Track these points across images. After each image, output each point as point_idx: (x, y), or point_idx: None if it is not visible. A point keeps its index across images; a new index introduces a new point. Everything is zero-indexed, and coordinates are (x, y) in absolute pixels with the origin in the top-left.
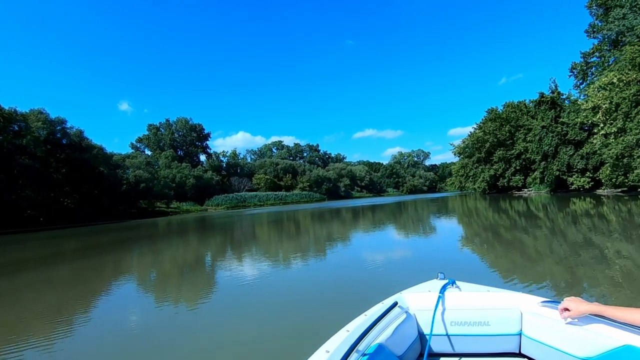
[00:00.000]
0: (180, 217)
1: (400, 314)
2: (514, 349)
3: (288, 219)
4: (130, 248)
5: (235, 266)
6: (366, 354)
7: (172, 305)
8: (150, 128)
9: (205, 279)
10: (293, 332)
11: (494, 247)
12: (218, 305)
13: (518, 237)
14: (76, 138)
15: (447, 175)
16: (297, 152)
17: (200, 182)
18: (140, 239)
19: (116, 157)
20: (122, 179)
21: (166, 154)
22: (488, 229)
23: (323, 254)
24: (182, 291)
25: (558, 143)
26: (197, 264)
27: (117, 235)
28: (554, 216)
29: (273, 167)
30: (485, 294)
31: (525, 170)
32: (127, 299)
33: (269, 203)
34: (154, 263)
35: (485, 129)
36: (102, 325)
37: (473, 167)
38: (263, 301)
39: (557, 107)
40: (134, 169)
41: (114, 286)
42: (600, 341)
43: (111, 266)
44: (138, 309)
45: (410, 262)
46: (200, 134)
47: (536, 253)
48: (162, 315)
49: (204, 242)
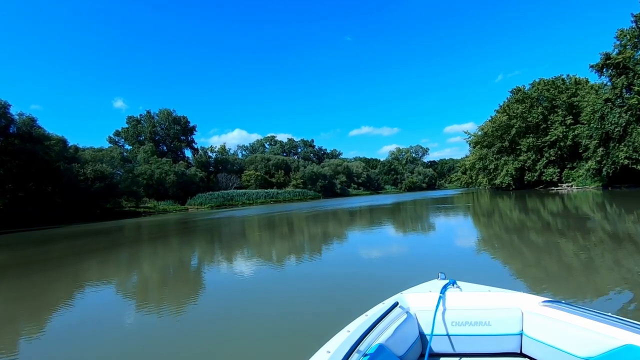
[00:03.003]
0: (149, 220)
1: (401, 314)
2: (515, 349)
3: (269, 226)
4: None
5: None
6: (367, 354)
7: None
8: (129, 120)
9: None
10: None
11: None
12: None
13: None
14: (25, 127)
15: (447, 172)
16: (291, 147)
17: (182, 179)
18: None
19: (88, 152)
20: (77, 174)
21: (145, 148)
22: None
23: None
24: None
25: (630, 121)
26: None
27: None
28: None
29: (264, 163)
30: (486, 294)
31: (560, 162)
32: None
33: (259, 202)
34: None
35: (510, 113)
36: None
37: (494, 158)
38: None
39: (628, 72)
40: (95, 162)
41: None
42: (601, 341)
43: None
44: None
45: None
46: (185, 127)
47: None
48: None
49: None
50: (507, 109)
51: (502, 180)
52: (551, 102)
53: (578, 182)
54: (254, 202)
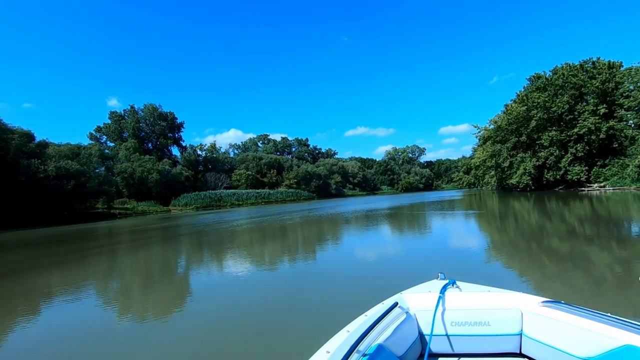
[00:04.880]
0: (116, 224)
1: (401, 314)
2: (514, 349)
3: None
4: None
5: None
6: (366, 354)
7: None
8: (112, 116)
9: None
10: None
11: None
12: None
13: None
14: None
15: (444, 173)
16: (285, 146)
17: (166, 178)
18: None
19: (52, 148)
20: (37, 172)
21: (127, 145)
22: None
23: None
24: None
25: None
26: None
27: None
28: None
29: (256, 162)
30: (485, 294)
31: (589, 159)
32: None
33: (249, 202)
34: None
35: (529, 103)
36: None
37: (508, 155)
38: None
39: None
40: (60, 159)
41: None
42: (600, 341)
43: None
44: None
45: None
46: (172, 123)
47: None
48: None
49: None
50: (525, 99)
51: (518, 180)
52: (579, 89)
53: (613, 182)
54: (244, 203)
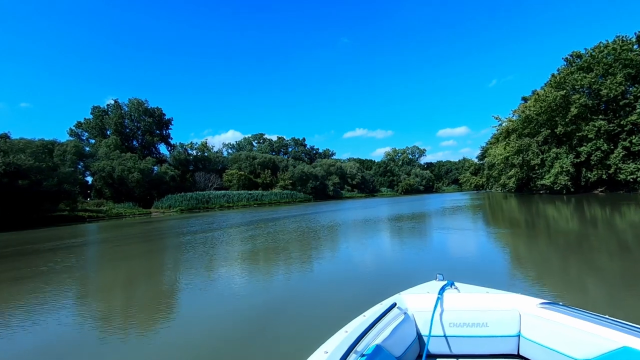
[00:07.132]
0: (76, 229)
1: (399, 314)
2: (512, 350)
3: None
4: None
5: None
6: (364, 355)
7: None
8: (94, 111)
9: None
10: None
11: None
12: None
13: None
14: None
15: (444, 175)
16: (281, 146)
17: (149, 177)
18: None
19: (23, 142)
20: None
21: (107, 142)
22: None
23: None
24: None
25: None
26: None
27: None
28: None
29: (249, 162)
30: (484, 295)
31: None
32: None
33: (241, 204)
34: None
35: (566, 86)
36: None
37: (539, 151)
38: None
39: None
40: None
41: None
42: (598, 343)
43: None
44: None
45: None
46: (159, 119)
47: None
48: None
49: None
50: (562, 82)
51: (553, 180)
52: (636, 68)
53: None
54: (235, 205)
